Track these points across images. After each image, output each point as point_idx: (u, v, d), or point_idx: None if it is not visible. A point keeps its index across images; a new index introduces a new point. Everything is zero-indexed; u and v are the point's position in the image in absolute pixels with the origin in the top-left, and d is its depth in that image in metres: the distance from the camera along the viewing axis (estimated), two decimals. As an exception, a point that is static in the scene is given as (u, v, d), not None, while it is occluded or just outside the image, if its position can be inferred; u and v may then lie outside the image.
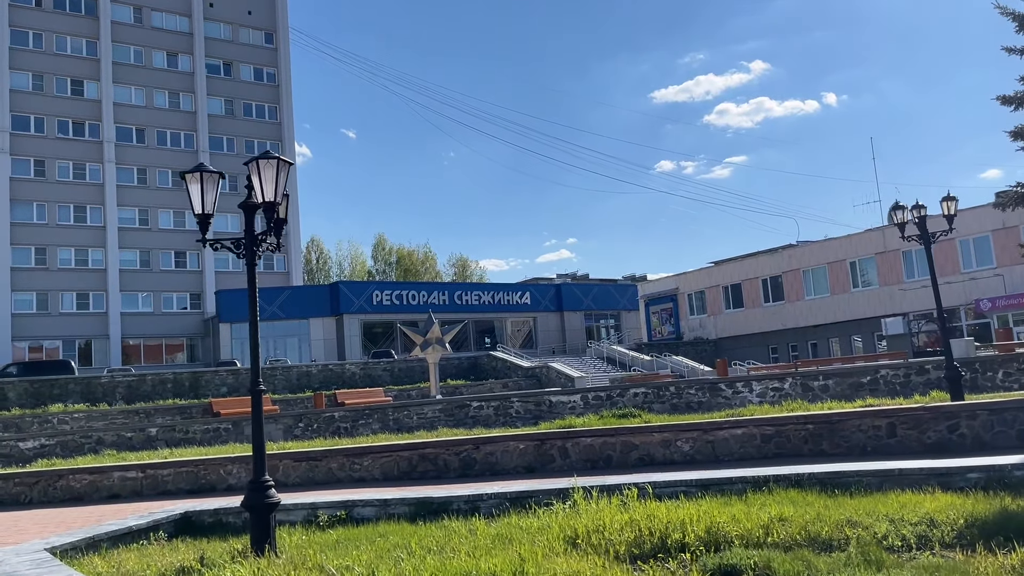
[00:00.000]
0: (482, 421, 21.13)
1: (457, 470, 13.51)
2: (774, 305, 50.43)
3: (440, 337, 28.79)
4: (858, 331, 45.97)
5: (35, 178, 52.33)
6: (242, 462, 14.46)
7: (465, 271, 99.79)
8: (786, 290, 49.76)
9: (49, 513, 13.24)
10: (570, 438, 13.18)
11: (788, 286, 49.65)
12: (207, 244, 7.92)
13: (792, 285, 49.39)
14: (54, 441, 21.63)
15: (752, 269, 52.31)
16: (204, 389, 35.63)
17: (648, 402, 20.53)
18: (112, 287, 53.52)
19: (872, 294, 45.27)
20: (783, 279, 50.01)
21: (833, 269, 47.23)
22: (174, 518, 9.44)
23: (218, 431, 22.50)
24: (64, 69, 54.11)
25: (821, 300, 47.73)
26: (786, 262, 50.12)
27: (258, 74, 61.56)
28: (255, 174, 7.73)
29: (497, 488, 9.22)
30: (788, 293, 49.62)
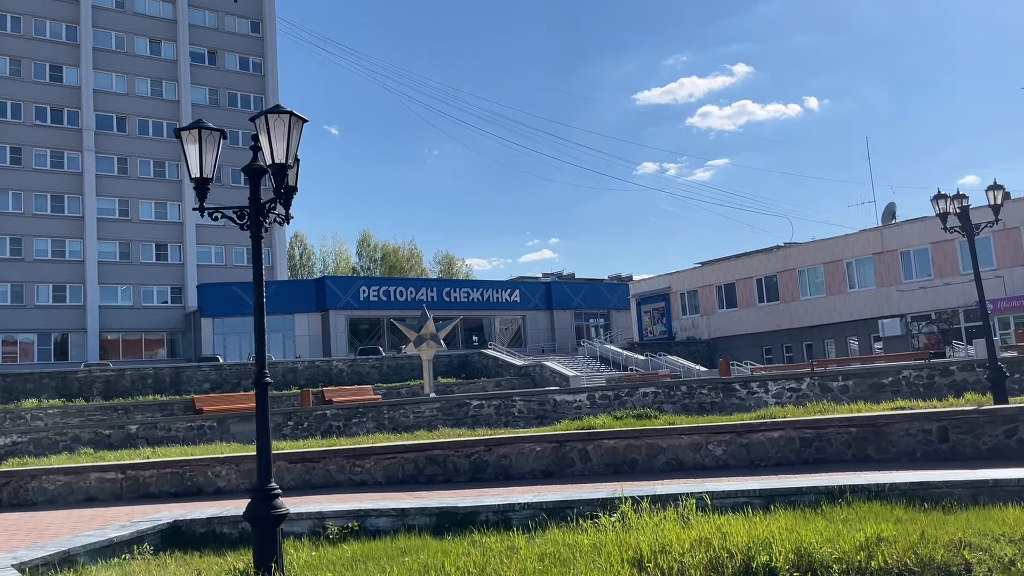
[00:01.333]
0: (483, 421, 20.08)
1: (467, 473, 12.45)
2: (768, 305, 49.72)
3: (435, 333, 27.72)
4: (854, 332, 45.34)
5: (11, 166, 50.63)
6: (232, 463, 13.33)
7: (451, 268, 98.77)
8: (781, 290, 49.06)
9: (20, 518, 12.05)
10: (591, 440, 12.16)
11: (783, 286, 48.97)
12: (205, 212, 6.82)
13: (787, 285, 48.71)
14: (27, 439, 20.37)
15: (746, 269, 51.59)
16: (186, 385, 34.31)
17: (658, 402, 19.57)
18: (90, 279, 51.90)
19: (869, 295, 44.65)
20: (778, 279, 49.32)
21: (829, 269, 46.57)
22: (161, 528, 8.32)
23: (202, 429, 21.30)
24: (43, 54, 52.42)
25: (817, 300, 47.07)
26: (781, 262, 49.44)
27: (243, 63, 60.10)
28: (263, 132, 6.65)
29: (528, 496, 8.19)
30: (783, 293, 48.93)
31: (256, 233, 6.83)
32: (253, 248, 6.83)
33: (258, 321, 6.80)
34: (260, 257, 6.86)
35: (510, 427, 18.99)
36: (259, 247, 6.85)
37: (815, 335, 47.17)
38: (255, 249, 6.83)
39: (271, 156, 6.63)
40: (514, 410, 20.40)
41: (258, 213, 6.81)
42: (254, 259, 6.85)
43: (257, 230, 6.81)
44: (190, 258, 55.47)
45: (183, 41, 57.38)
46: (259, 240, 6.85)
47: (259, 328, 6.79)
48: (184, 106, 56.67)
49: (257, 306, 6.83)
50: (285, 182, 6.73)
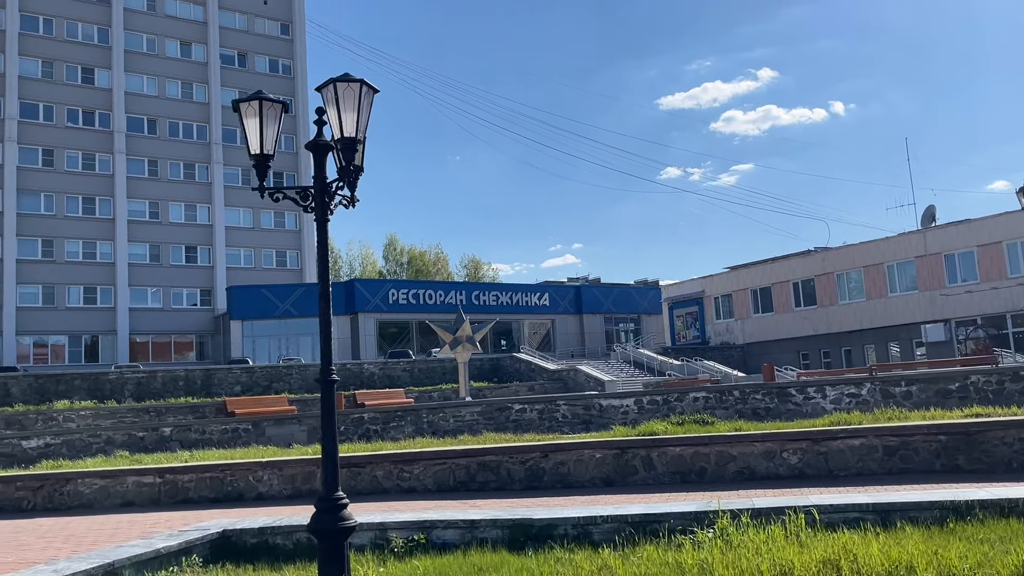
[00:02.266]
0: (525, 426, 19.38)
1: (522, 481, 11.76)
2: (805, 310, 48.57)
3: (470, 335, 27.09)
4: (895, 337, 44.11)
5: (43, 168, 50.77)
6: (274, 468, 12.74)
7: (478, 272, 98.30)
8: (818, 294, 47.90)
9: (55, 524, 11.52)
10: (656, 447, 11.42)
11: (821, 290, 47.80)
12: (266, 193, 6.19)
13: (825, 289, 47.54)
14: (60, 440, 19.96)
15: (782, 272, 50.47)
16: (217, 387, 33.94)
17: (710, 407, 18.75)
18: (120, 281, 51.88)
19: (911, 299, 43.40)
20: (815, 283, 48.16)
21: (869, 273, 45.37)
22: (211, 538, 7.71)
23: (237, 432, 20.77)
24: (75, 56, 52.58)
25: (856, 305, 45.86)
26: (818, 265, 48.27)
27: (273, 65, 59.98)
28: (330, 103, 6.01)
29: (610, 508, 7.48)
30: (821, 297, 47.76)
31: (322, 216, 6.19)
32: (318, 233, 6.19)
33: (324, 314, 6.16)
34: (326, 243, 6.23)
35: (554, 432, 18.29)
36: (325, 231, 6.22)
37: (854, 340, 45.96)
38: (320, 234, 6.20)
39: (339, 129, 6.00)
40: (558, 415, 19.69)
41: (324, 193, 6.17)
42: (319, 245, 6.22)
43: (323, 212, 6.18)
44: (219, 260, 55.34)
45: (213, 43, 57.37)
46: (325, 224, 6.21)
47: (325, 322, 6.16)
48: (214, 108, 56.63)
49: (323, 296, 6.19)
50: (354, 159, 6.08)
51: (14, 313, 48.27)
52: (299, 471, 12.67)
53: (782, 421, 15.43)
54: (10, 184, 49.10)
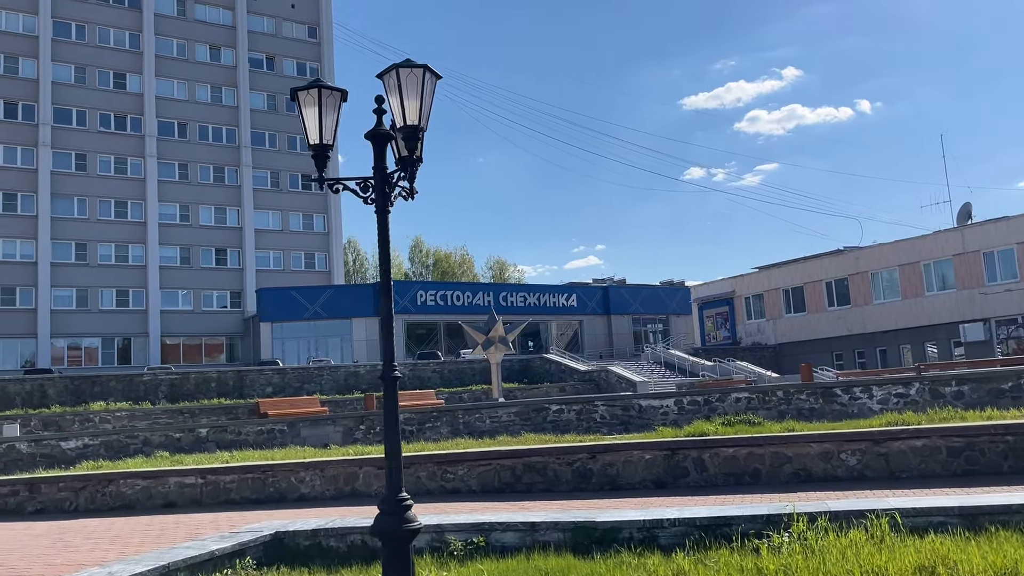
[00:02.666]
0: (562, 426, 19.11)
1: (569, 483, 11.50)
2: (839, 309, 47.82)
3: (503, 336, 26.87)
4: (933, 337, 43.27)
5: (76, 172, 51.33)
6: (316, 469, 12.59)
7: (503, 274, 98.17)
8: (852, 294, 47.15)
9: (100, 524, 11.44)
10: (708, 448, 11.12)
11: (855, 289, 47.04)
12: (325, 184, 6.00)
13: (859, 289, 46.78)
14: (98, 441, 20.00)
15: (815, 271, 49.75)
16: (249, 389, 34.01)
17: (752, 408, 18.37)
18: (152, 284, 52.32)
19: (948, 298, 42.56)
20: (849, 282, 47.41)
21: (905, 272, 44.56)
22: (263, 540, 7.54)
23: (272, 433, 20.71)
24: (106, 62, 53.13)
25: (891, 304, 45.06)
26: (852, 264, 47.52)
27: (301, 68, 60.23)
28: (392, 90, 5.81)
29: (674, 511, 7.21)
30: (855, 297, 47.00)
31: (383, 207, 6.00)
32: (379, 225, 6.00)
33: (385, 308, 5.97)
34: (387, 236, 6.03)
35: (592, 433, 18.01)
36: (386, 223, 6.02)
37: (889, 340, 45.16)
38: (381, 226, 6.00)
39: (402, 117, 5.79)
40: (596, 415, 19.40)
41: (384, 183, 5.97)
42: (380, 238, 6.02)
43: (384, 203, 5.98)
44: (249, 263, 55.63)
45: (242, 47, 57.73)
46: (386, 215, 6.02)
47: (386, 316, 5.97)
48: (243, 111, 56.98)
49: (384, 290, 6.00)
50: (417, 148, 5.88)
51: (48, 315, 48.83)
52: (341, 472, 12.51)
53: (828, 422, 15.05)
54: (44, 188, 49.69)
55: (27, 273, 48.76)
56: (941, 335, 42.82)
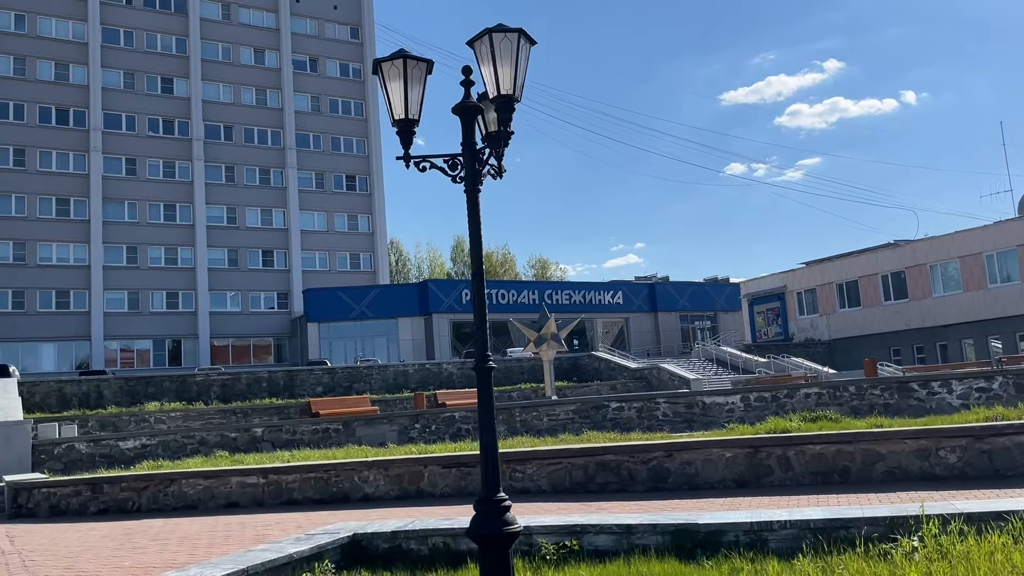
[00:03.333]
0: (622, 424, 18.60)
1: (645, 482, 11.00)
2: (896, 303, 46.41)
3: (556, 333, 26.40)
4: (997, 331, 41.70)
5: (126, 176, 52.07)
6: (380, 468, 12.26)
7: (545, 272, 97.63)
8: (910, 287, 45.71)
9: (164, 525, 11.23)
10: (793, 445, 10.53)
11: (912, 283, 45.61)
12: (411, 163, 5.59)
13: (917, 282, 45.34)
14: (155, 441, 20.00)
15: (870, 265, 48.36)
16: (299, 389, 34.03)
17: (823, 404, 17.68)
18: (201, 286, 52.88)
19: (1013, 290, 40.99)
20: (906, 275, 45.98)
21: (966, 264, 43.05)
22: (341, 542, 7.18)
23: (327, 432, 20.52)
24: (154, 67, 53.83)
25: (952, 298, 43.57)
26: (910, 257, 46.08)
27: (344, 70, 60.44)
28: (484, 58, 5.38)
29: (783, 513, 6.67)
30: (912, 290, 45.57)
31: (473, 186, 5.57)
32: (469, 205, 5.57)
33: (477, 294, 5.55)
34: (478, 217, 5.61)
35: (654, 431, 17.47)
36: (476, 203, 5.60)
37: (950, 335, 43.69)
38: (472, 206, 5.58)
39: (495, 86, 5.36)
40: (658, 413, 18.85)
41: (474, 160, 5.54)
42: (471, 219, 5.59)
43: (475, 182, 5.55)
44: (295, 264, 55.95)
45: (286, 49, 58.08)
46: (476, 195, 5.60)
47: (479, 303, 5.54)
48: (288, 113, 57.31)
49: (476, 274, 5.58)
50: (510, 121, 5.44)
51: (102, 318, 49.59)
52: (405, 471, 12.16)
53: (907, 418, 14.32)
54: (96, 193, 50.48)
55: (81, 277, 49.58)
56: (1006, 328, 41.25)
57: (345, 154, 59.24)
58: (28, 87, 49.75)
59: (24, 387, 28.22)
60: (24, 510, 14.17)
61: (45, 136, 49.82)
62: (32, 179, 49.07)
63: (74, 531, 11.55)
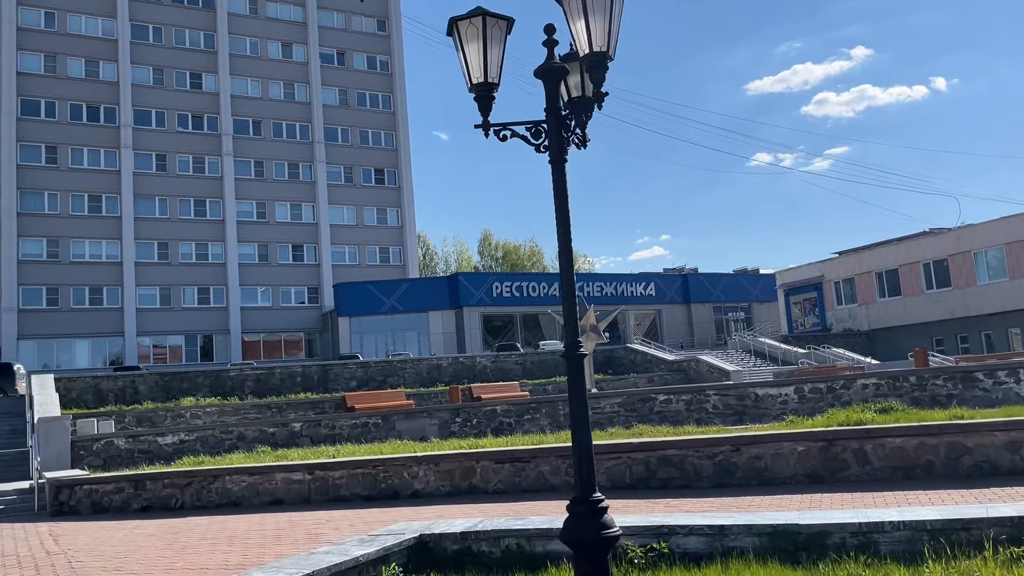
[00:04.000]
0: (670, 418, 18.02)
1: (711, 478, 10.44)
2: (938, 292, 45.29)
3: (595, 324, 25.85)
4: (1045, 320, 40.56)
5: (156, 172, 52.17)
6: (430, 463, 11.82)
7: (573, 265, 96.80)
8: (953, 275, 44.56)
9: (211, 524, 10.87)
10: (870, 438, 9.91)
11: (955, 271, 44.45)
12: (491, 131, 5.08)
13: (960, 269, 44.18)
14: (193, 436, 19.75)
15: (911, 253, 47.24)
16: (333, 383, 33.79)
17: (882, 395, 16.97)
18: (232, 281, 52.89)
19: (1063, 277, 39.83)
20: (949, 263, 44.83)
21: (1012, 250, 41.84)
22: (407, 544, 6.71)
23: (366, 426, 20.17)
24: (183, 62, 53.85)
25: (998, 286, 42.39)
26: (953, 244, 44.91)
27: (371, 62, 60.14)
28: (574, 12, 4.87)
29: (894, 513, 6.09)
30: (955, 278, 44.41)
31: (560, 154, 5.07)
32: (555, 177, 5.06)
33: (566, 272, 5.04)
34: (565, 189, 5.10)
35: (704, 424, 16.89)
36: (563, 174, 5.09)
37: (995, 323, 42.52)
38: (558, 178, 5.06)
39: (587, 42, 4.83)
40: (707, 406, 18.24)
41: (560, 128, 5.02)
42: (557, 192, 5.08)
43: (561, 150, 5.05)
44: (325, 258, 55.81)
45: (313, 43, 57.88)
46: (563, 165, 5.09)
47: (568, 283, 5.03)
48: (315, 107, 57.14)
49: (563, 251, 5.08)
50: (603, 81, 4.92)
51: (134, 314, 49.77)
52: (457, 466, 11.71)
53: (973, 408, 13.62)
54: (127, 189, 50.63)
55: (113, 273, 49.77)
56: (1055, 317, 40.10)
57: (373, 147, 58.96)
58: (59, 84, 49.96)
59: (60, 383, 28.21)
60: (66, 507, 13.93)
61: (76, 133, 50.03)
62: (64, 176, 49.30)
63: (119, 530, 11.23)
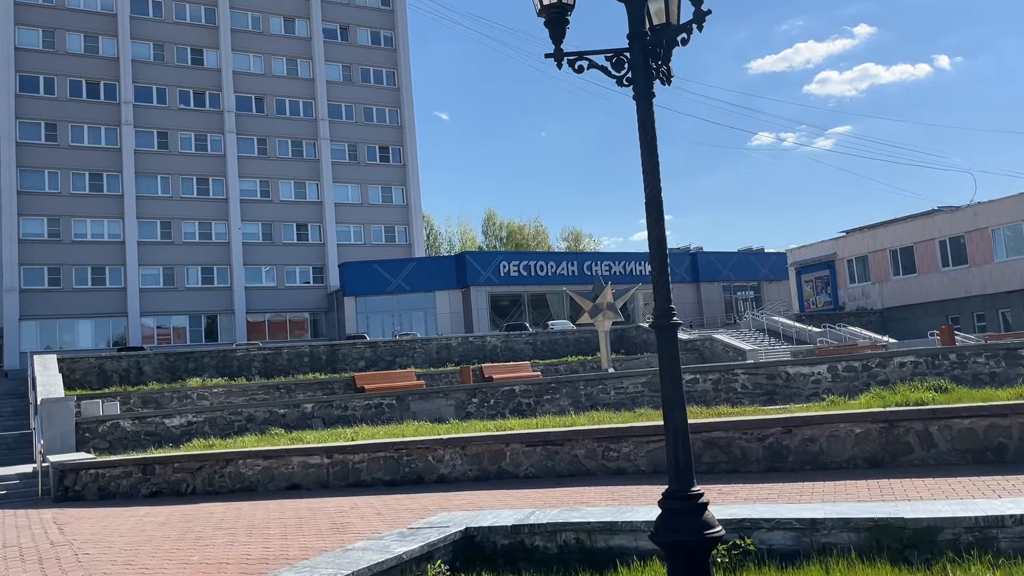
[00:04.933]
0: (697, 398, 17.33)
1: (761, 462, 9.75)
2: (955, 270, 44.48)
3: (612, 303, 25.13)
4: (1065, 297, 39.79)
5: (158, 150, 51.23)
6: (456, 446, 11.14)
7: (578, 244, 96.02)
8: (970, 252, 43.74)
9: (226, 511, 10.19)
10: (935, 419, 9.20)
11: (972, 248, 43.62)
12: (564, 60, 4.31)
13: (978, 246, 43.35)
14: (202, 418, 19.09)
15: (926, 230, 46.39)
16: (341, 363, 33.14)
17: (920, 373, 16.28)
18: (236, 261, 52.10)
19: (1084, 254, 39.01)
20: (966, 240, 43.99)
21: (1032, 227, 41.04)
22: (452, 538, 6.01)
23: (380, 407, 19.51)
24: (184, 38, 52.75)
25: (1016, 263, 41.58)
26: (970, 220, 44.05)
27: (375, 38, 58.97)
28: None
29: (1008, 504, 5.38)
30: (973, 256, 43.60)
31: (645, 90, 4.31)
32: (640, 116, 4.30)
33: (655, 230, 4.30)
34: (653, 127, 4.34)
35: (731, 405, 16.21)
36: (650, 109, 4.32)
37: (1014, 302, 41.75)
38: (645, 114, 4.30)
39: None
40: (736, 385, 17.55)
41: (646, 57, 4.25)
42: (643, 131, 4.32)
43: (647, 85, 4.29)
44: (330, 237, 54.99)
45: (316, 18, 56.73)
46: (650, 100, 4.33)
47: (658, 242, 4.30)
48: (319, 84, 56.09)
49: (651, 203, 4.31)
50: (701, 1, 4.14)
51: (137, 294, 49.05)
52: (485, 449, 11.03)
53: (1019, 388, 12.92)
54: (128, 167, 49.74)
55: (115, 253, 49.01)
56: (1075, 295, 39.33)
57: (378, 124, 57.95)
58: (58, 60, 48.94)
59: (64, 364, 27.57)
60: (71, 492, 13.30)
61: (76, 110, 49.06)
62: (64, 154, 48.41)
63: (127, 517, 10.57)
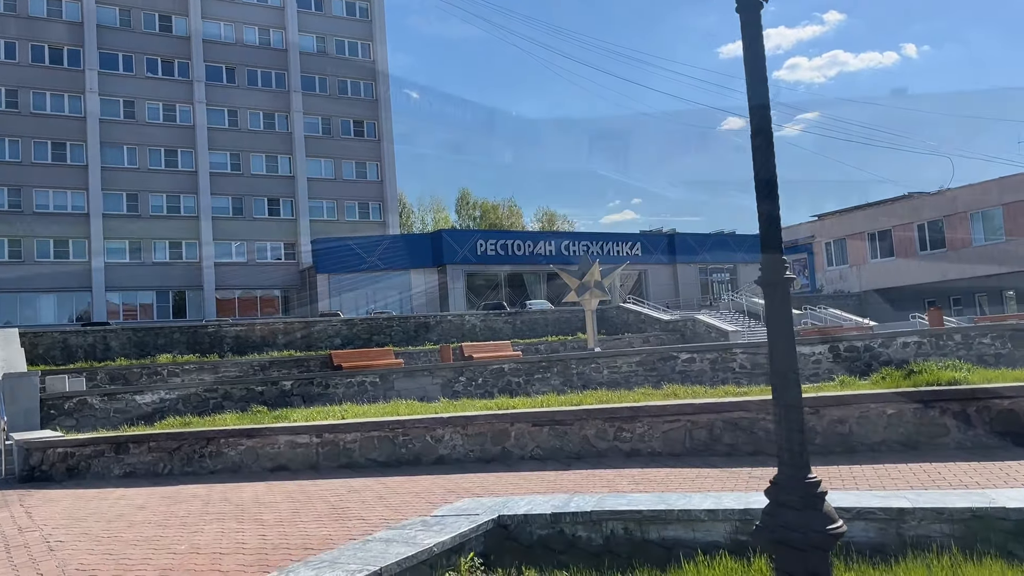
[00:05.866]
0: (693, 377, 16.81)
1: (785, 443, 9.14)
2: (932, 253, 44.57)
3: (599, 281, 24.56)
4: (1041, 282, 40.01)
5: (125, 120, 49.51)
6: (457, 425, 10.43)
7: (552, 225, 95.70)
8: (948, 236, 43.83)
9: (209, 494, 9.39)
10: (973, 400, 8.69)
11: (951, 232, 43.70)
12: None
13: (956, 231, 43.42)
14: (175, 395, 18.20)
15: (904, 214, 46.41)
16: (317, 341, 32.23)
17: (924, 354, 15.91)
18: (205, 235, 50.67)
19: (1061, 239, 39.21)
20: (944, 224, 44.06)
21: (1010, 211, 41.10)
22: (484, 529, 5.31)
23: (363, 385, 18.75)
24: (152, 3, 50.94)
25: (994, 247, 41.70)
26: (948, 204, 44.10)
27: (350, 8, 57.51)
28: None
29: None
30: (951, 239, 43.69)
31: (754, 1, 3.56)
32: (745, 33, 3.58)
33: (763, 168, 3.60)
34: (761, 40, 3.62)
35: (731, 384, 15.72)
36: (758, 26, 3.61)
37: (991, 285, 41.92)
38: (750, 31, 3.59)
39: None
40: (734, 364, 17.06)
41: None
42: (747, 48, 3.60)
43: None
44: (302, 213, 53.73)
45: (290, -15, 55.18)
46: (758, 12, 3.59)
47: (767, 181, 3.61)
48: (292, 55, 54.58)
49: (757, 133, 3.62)
50: None
51: (103, 269, 47.50)
52: (488, 429, 10.33)
53: None
54: (93, 137, 48.00)
55: (79, 225, 47.37)
56: (1051, 279, 39.56)
57: (352, 98, 56.61)
58: (19, 23, 46.92)
59: (26, 338, 26.35)
60: (38, 472, 12.37)
61: (38, 76, 47.15)
62: (26, 121, 46.54)
63: (101, 500, 9.72)
